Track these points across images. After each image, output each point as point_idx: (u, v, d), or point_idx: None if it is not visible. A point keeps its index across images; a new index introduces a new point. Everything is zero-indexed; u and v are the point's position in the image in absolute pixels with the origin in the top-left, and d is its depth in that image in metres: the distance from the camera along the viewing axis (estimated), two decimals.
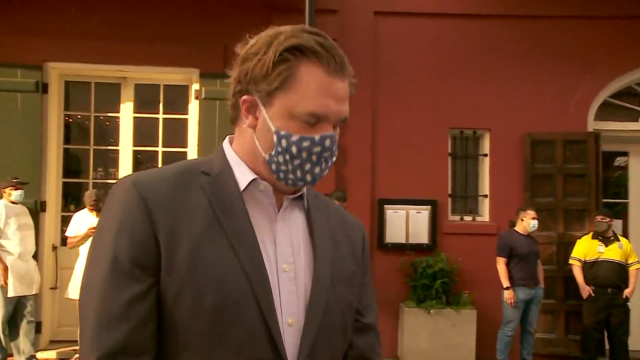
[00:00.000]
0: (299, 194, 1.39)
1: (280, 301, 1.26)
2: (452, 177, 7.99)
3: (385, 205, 7.69)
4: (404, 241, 7.68)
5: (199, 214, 1.23)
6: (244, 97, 1.29)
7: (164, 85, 7.67)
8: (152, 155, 7.78)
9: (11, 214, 6.39)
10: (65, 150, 7.65)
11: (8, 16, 6.97)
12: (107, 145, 7.91)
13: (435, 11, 7.81)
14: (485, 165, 7.96)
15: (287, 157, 1.26)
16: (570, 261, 7.12)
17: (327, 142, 1.28)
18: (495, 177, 7.85)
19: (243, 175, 1.31)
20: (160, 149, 7.63)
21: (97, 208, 6.63)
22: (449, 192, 7.90)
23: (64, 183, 7.61)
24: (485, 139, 7.99)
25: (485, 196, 7.92)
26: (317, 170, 1.30)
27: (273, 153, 1.28)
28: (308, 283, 1.31)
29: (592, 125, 7.86)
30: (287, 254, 1.31)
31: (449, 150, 7.93)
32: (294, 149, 1.26)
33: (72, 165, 8.21)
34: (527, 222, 6.83)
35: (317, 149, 1.27)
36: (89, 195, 6.72)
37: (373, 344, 1.49)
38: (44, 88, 7.18)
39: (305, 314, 1.28)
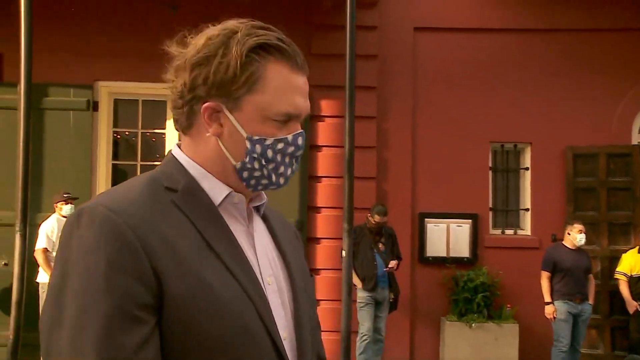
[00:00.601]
0: (262, 202, 1.33)
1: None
2: (493, 190, 7.97)
3: (426, 219, 7.71)
4: (444, 255, 7.68)
5: (184, 234, 1.12)
6: (206, 104, 1.19)
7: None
8: None
9: (62, 227, 6.61)
10: (114, 166, 7.89)
11: (60, 38, 7.26)
12: (153, 161, 8.12)
13: (474, 26, 7.85)
14: (527, 178, 7.92)
15: (263, 161, 1.21)
16: (616, 276, 7.00)
17: (300, 141, 1.24)
18: (536, 191, 7.81)
19: (215, 189, 1.22)
20: None
21: None
22: (490, 205, 7.88)
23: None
24: (526, 152, 7.95)
25: (527, 210, 7.88)
26: (289, 172, 1.26)
27: (247, 160, 1.20)
28: (289, 294, 1.28)
29: (636, 138, 7.77)
30: (267, 267, 1.26)
31: (490, 164, 7.92)
32: (269, 153, 1.20)
33: (120, 180, 8.39)
34: (574, 237, 6.65)
35: (291, 149, 1.23)
36: None
37: (320, 341, 1.46)
38: (94, 106, 7.46)
39: (295, 326, 1.26)
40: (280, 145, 1.22)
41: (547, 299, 6.63)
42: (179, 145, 1.28)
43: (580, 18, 7.77)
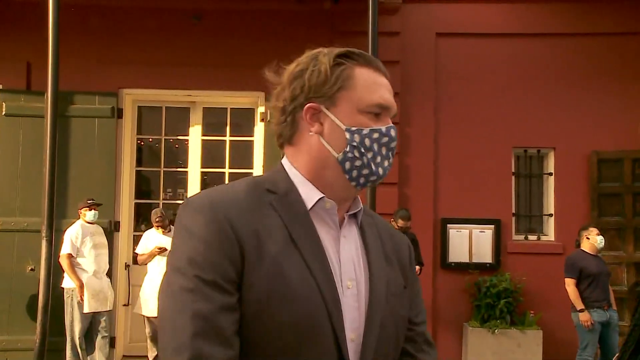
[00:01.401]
0: (357, 209, 1.43)
1: (345, 317, 1.29)
2: (515, 196, 7.92)
3: (448, 225, 7.69)
4: (467, 260, 7.64)
5: (275, 232, 1.27)
6: (307, 105, 1.34)
7: (231, 108, 7.93)
8: (219, 177, 8.01)
9: (87, 233, 6.69)
10: (137, 172, 7.98)
11: (86, 47, 7.37)
12: (177, 167, 8.21)
13: (496, 31, 7.82)
14: (550, 184, 7.86)
15: (362, 149, 1.33)
16: None
17: (392, 132, 1.39)
18: (560, 196, 7.74)
19: (309, 194, 1.34)
20: (227, 170, 7.86)
21: (162, 225, 6.96)
22: (513, 211, 7.83)
23: (136, 204, 7.93)
24: (549, 157, 7.89)
25: (550, 215, 7.82)
26: (386, 163, 1.38)
27: (347, 149, 1.33)
28: (366, 299, 1.35)
29: None
30: (350, 271, 1.35)
31: (513, 169, 7.87)
32: (367, 142, 1.33)
33: (143, 186, 8.54)
34: (594, 239, 6.48)
35: (385, 139, 1.36)
36: (154, 213, 7.04)
37: (426, 353, 1.53)
38: (119, 113, 7.55)
39: (364, 330, 1.32)
40: (375, 135, 1.35)
41: (580, 305, 6.37)
42: (286, 158, 1.43)
43: (604, 22, 7.71)
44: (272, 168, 1.44)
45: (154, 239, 6.96)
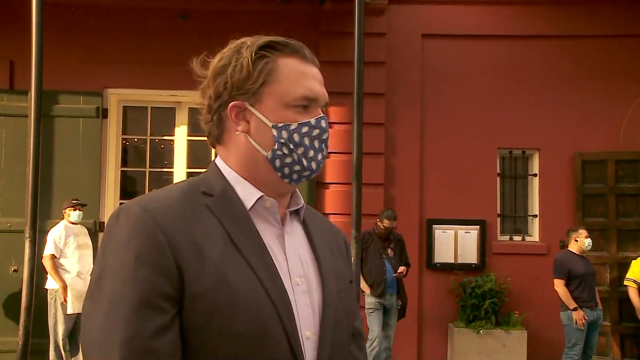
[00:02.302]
0: (299, 206, 1.38)
1: (298, 315, 1.26)
2: (500, 197, 7.96)
3: (433, 225, 7.71)
4: (452, 261, 7.68)
5: (213, 236, 1.21)
6: (231, 103, 1.29)
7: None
8: None
9: (70, 234, 6.64)
10: (123, 173, 7.94)
11: (70, 46, 7.31)
12: (162, 167, 8.17)
13: (482, 33, 7.86)
14: (535, 185, 7.91)
15: (291, 146, 1.28)
16: (626, 282, 6.95)
17: (323, 123, 1.32)
18: (545, 197, 7.79)
19: (247, 193, 1.30)
20: None
21: None
22: (498, 212, 7.87)
23: (121, 204, 7.86)
24: (534, 158, 7.95)
25: (535, 216, 7.87)
26: (319, 157, 1.32)
27: (276, 147, 1.28)
28: (319, 296, 1.32)
29: None
30: (298, 268, 1.31)
31: (498, 170, 7.91)
32: (295, 137, 1.28)
33: (129, 187, 8.50)
34: (582, 242, 6.57)
35: (316, 131, 1.30)
36: None
37: (364, 350, 1.51)
38: (103, 113, 7.51)
39: (320, 327, 1.29)
40: (305, 129, 1.29)
41: (573, 304, 6.43)
42: (219, 157, 1.38)
43: (587, 24, 7.77)
44: (207, 168, 1.39)
45: None
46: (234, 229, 1.24)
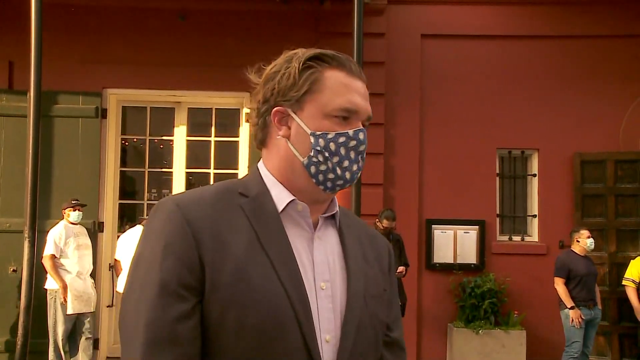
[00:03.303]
0: (333, 212, 1.41)
1: (318, 318, 1.28)
2: (500, 197, 7.96)
3: (433, 225, 7.71)
4: (451, 261, 7.68)
5: (240, 234, 1.27)
6: (275, 108, 1.35)
7: (216, 109, 7.90)
8: (204, 177, 7.99)
9: (70, 234, 6.63)
10: (122, 173, 7.93)
11: (69, 46, 7.31)
12: (161, 167, 8.17)
13: (481, 33, 7.86)
14: (534, 185, 7.91)
15: (327, 154, 1.31)
16: (624, 282, 6.97)
17: (361, 136, 1.34)
18: (544, 197, 7.80)
19: (281, 196, 1.34)
20: (212, 170, 7.84)
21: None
22: (497, 212, 7.88)
23: (120, 204, 7.88)
24: (533, 159, 7.95)
25: (534, 216, 7.87)
26: (355, 167, 1.35)
27: (312, 154, 1.32)
28: (343, 300, 1.34)
29: None
30: (324, 273, 1.34)
31: (497, 171, 7.92)
32: (332, 146, 1.31)
33: (128, 187, 8.50)
34: (584, 242, 6.64)
35: (352, 143, 1.33)
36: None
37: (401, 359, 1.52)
38: (103, 113, 7.50)
39: (341, 331, 1.31)
40: (342, 139, 1.33)
41: (570, 303, 6.53)
42: (262, 160, 1.43)
43: (586, 25, 7.77)
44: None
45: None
46: (262, 229, 1.29)
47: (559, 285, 6.63)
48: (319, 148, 1.32)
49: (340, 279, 1.36)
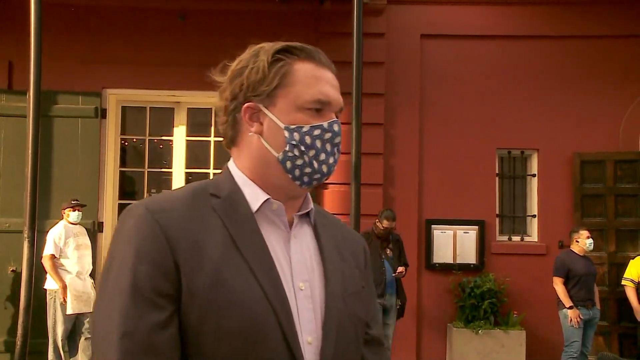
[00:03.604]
0: (307, 210, 1.39)
1: (299, 320, 1.26)
2: (499, 197, 7.97)
3: (432, 226, 7.72)
4: (451, 261, 7.68)
5: (215, 237, 1.23)
6: (246, 105, 1.32)
7: (215, 110, 7.87)
8: (203, 177, 7.97)
9: (70, 234, 6.63)
10: (121, 173, 7.92)
11: (69, 46, 7.31)
12: (161, 168, 8.17)
13: (481, 33, 7.86)
14: (534, 185, 7.92)
15: (303, 148, 1.29)
16: (623, 282, 6.96)
17: (336, 127, 1.32)
18: (544, 197, 7.80)
19: (254, 196, 1.31)
20: (211, 170, 7.84)
21: None
22: (497, 212, 7.88)
23: (119, 204, 7.88)
24: (533, 159, 7.95)
25: (534, 216, 7.87)
26: (331, 160, 1.33)
27: (287, 148, 1.29)
28: (322, 300, 1.31)
29: None
30: (302, 272, 1.31)
31: (497, 171, 7.92)
32: (307, 139, 1.29)
33: (127, 187, 8.50)
34: (583, 242, 6.63)
35: (328, 135, 1.31)
36: None
37: (381, 357, 1.51)
38: (102, 113, 7.50)
39: (322, 332, 1.28)
40: (317, 132, 1.30)
41: (569, 303, 6.53)
42: (232, 160, 1.40)
43: (587, 25, 7.78)
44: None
45: None
46: (236, 231, 1.25)
47: (558, 285, 6.63)
48: (294, 142, 1.29)
49: (318, 278, 1.34)
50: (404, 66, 7.74)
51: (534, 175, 7.92)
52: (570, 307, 6.52)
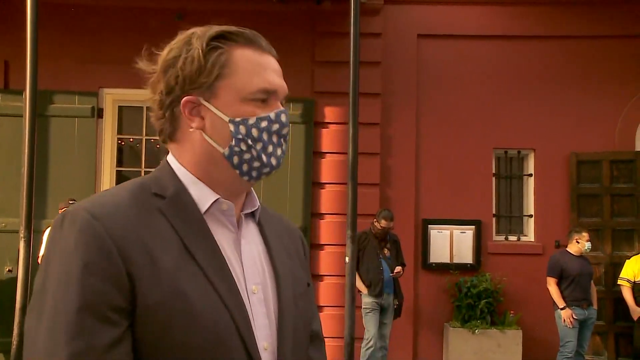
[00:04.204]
0: (254, 208, 1.32)
1: (254, 325, 1.19)
2: (496, 197, 7.97)
3: (429, 225, 7.72)
4: (448, 261, 7.69)
5: (166, 243, 1.13)
6: (184, 99, 1.21)
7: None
8: None
9: None
10: (118, 173, 7.91)
11: (65, 45, 7.29)
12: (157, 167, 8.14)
13: (478, 33, 7.87)
14: (530, 185, 7.93)
15: (250, 141, 1.21)
16: (619, 282, 6.97)
17: (283, 118, 1.25)
18: (540, 197, 7.81)
19: (202, 196, 1.22)
20: None
21: None
22: (494, 212, 7.89)
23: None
24: (529, 159, 7.96)
25: (530, 216, 7.88)
26: (279, 152, 1.25)
27: (233, 143, 1.20)
28: (275, 304, 1.26)
29: None
30: (254, 275, 1.25)
31: (493, 171, 7.93)
32: (254, 132, 1.21)
33: None
34: (583, 244, 6.59)
35: (275, 126, 1.23)
36: None
37: (323, 353, 1.46)
38: (99, 113, 7.49)
39: (278, 337, 1.23)
40: (264, 124, 1.22)
41: (562, 303, 6.53)
42: (172, 155, 1.30)
43: (582, 25, 7.79)
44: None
45: None
46: (188, 235, 1.17)
47: (551, 285, 6.63)
48: (240, 136, 1.20)
49: (269, 280, 1.28)
50: (400, 66, 7.74)
51: (530, 175, 7.93)
52: (563, 308, 6.52)
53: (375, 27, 7.60)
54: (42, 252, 6.43)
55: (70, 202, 6.70)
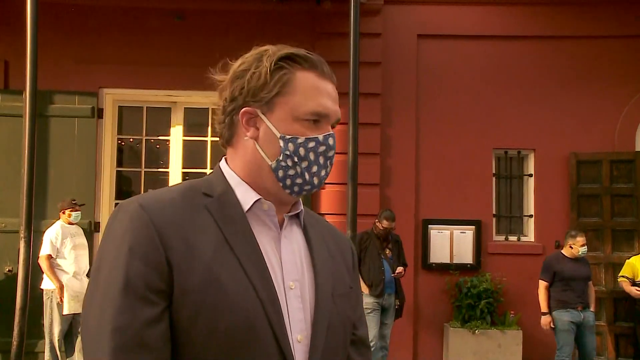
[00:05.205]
0: (298, 211, 1.40)
1: (289, 319, 1.27)
2: (496, 197, 7.97)
3: (429, 226, 7.72)
4: (448, 261, 7.69)
5: (207, 235, 1.24)
6: (244, 109, 1.31)
7: (212, 108, 7.81)
8: (200, 177, 7.92)
9: (67, 234, 6.63)
10: (118, 173, 7.91)
11: (65, 46, 7.30)
12: (158, 168, 8.15)
13: (477, 33, 7.87)
14: (530, 185, 7.93)
15: (296, 159, 1.30)
16: (619, 279, 6.94)
17: (331, 141, 1.33)
18: (540, 197, 7.81)
19: (246, 196, 1.32)
20: (208, 170, 7.82)
21: None
22: (494, 212, 7.89)
23: (116, 204, 7.85)
24: (529, 159, 7.96)
25: (530, 216, 7.88)
26: (323, 173, 1.33)
27: (280, 158, 1.30)
28: (312, 299, 1.33)
29: None
30: (292, 272, 1.32)
31: (493, 171, 7.93)
32: (301, 151, 1.29)
33: (124, 187, 8.48)
34: (576, 250, 6.45)
35: (322, 148, 1.31)
36: None
37: (366, 358, 1.51)
38: (99, 113, 7.49)
39: (312, 331, 1.30)
40: (311, 144, 1.30)
41: (544, 309, 6.49)
42: (225, 159, 1.41)
43: (582, 25, 7.79)
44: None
45: None
46: (228, 229, 1.26)
47: (540, 288, 6.55)
48: (288, 152, 1.29)
49: (308, 278, 1.35)
50: (400, 66, 7.74)
51: (530, 175, 7.93)
52: (545, 314, 6.47)
53: (375, 27, 7.60)
54: (42, 252, 6.43)
55: (73, 202, 6.71)
